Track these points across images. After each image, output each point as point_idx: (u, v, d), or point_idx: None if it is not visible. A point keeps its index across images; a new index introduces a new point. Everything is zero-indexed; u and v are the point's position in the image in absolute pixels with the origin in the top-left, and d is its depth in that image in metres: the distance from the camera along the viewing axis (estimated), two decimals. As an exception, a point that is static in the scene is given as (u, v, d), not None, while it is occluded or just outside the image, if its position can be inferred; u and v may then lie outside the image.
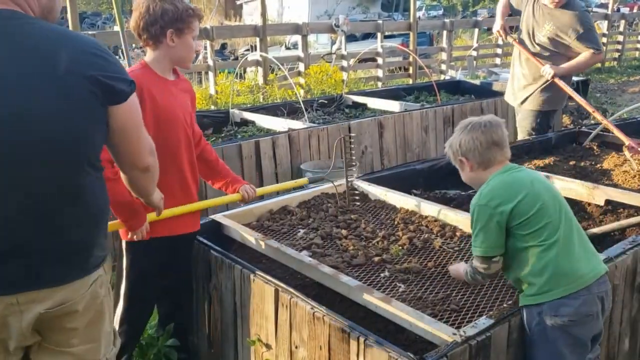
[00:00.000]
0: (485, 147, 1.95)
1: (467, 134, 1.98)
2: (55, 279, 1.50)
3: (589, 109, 4.14)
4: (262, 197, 2.96)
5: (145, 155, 1.68)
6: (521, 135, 4.34)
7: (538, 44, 4.20)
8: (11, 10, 1.45)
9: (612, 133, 3.98)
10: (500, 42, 10.95)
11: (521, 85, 4.33)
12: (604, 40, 13.83)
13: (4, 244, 1.44)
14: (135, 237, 2.23)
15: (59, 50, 1.44)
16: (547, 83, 4.15)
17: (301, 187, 3.91)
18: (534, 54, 4.20)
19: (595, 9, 21.68)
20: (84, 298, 1.55)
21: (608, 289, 1.92)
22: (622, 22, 14.72)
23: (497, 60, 12.03)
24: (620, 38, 14.52)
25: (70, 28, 6.03)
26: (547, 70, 4.10)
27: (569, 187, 3.14)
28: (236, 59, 12.12)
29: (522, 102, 4.33)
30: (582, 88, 9.49)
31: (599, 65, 13.78)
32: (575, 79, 9.69)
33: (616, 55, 14.54)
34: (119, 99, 1.53)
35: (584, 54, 4.08)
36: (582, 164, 3.74)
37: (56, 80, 1.43)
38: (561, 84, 4.12)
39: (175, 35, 2.29)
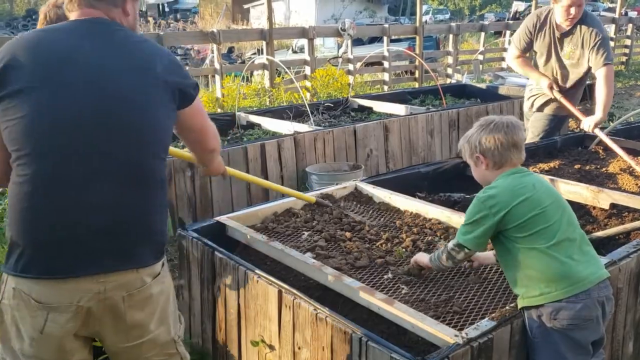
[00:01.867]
0: (505, 147, 1.96)
1: (489, 132, 1.98)
2: (142, 261, 1.61)
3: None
4: (267, 199, 2.99)
5: (210, 140, 1.91)
6: (530, 137, 4.27)
7: (561, 68, 4.06)
8: (109, 20, 1.67)
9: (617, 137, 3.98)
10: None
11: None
12: (612, 44, 13.79)
13: (101, 226, 1.53)
14: None
15: (155, 57, 1.66)
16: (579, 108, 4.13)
17: (306, 190, 3.94)
18: (563, 77, 4.08)
19: (603, 13, 21.63)
20: (158, 284, 1.67)
21: (609, 294, 1.92)
22: (630, 26, 14.66)
23: (503, 64, 12.01)
24: (628, 42, 14.46)
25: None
26: (587, 124, 3.93)
27: (574, 190, 3.14)
28: (243, 62, 12.18)
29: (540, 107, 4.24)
30: (589, 93, 9.51)
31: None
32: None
33: (624, 59, 14.48)
34: (190, 101, 1.74)
35: (602, 72, 3.84)
36: (588, 167, 3.73)
37: (151, 81, 1.63)
38: (576, 112, 4.08)
39: None
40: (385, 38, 9.78)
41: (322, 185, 3.80)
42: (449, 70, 10.73)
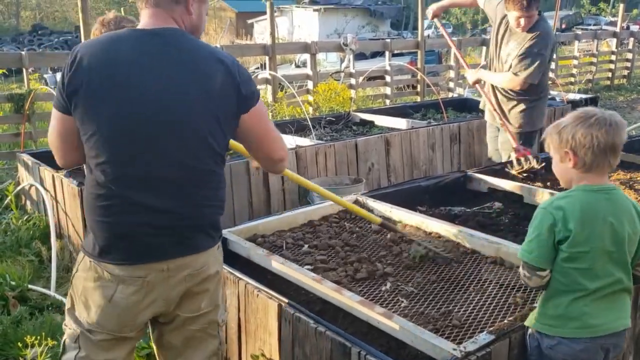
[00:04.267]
0: (602, 149, 1.73)
1: (587, 127, 1.74)
2: (199, 247, 1.79)
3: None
4: (269, 213, 2.99)
5: (277, 150, 1.94)
6: (505, 156, 4.21)
7: (499, 60, 4.13)
8: (174, 28, 1.76)
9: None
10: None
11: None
12: (612, 57, 13.85)
13: (165, 224, 1.73)
14: None
15: (216, 67, 1.73)
16: (516, 102, 4.10)
17: (308, 204, 3.95)
18: (499, 69, 4.14)
19: (604, 27, 21.73)
20: (215, 263, 1.86)
21: (619, 342, 1.82)
22: (631, 40, 14.73)
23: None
24: (630, 56, 14.51)
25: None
26: (469, 76, 4.22)
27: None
28: (246, 77, 12.22)
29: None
30: (591, 105, 9.54)
31: (608, 82, 13.79)
32: (584, 96, 9.74)
33: (625, 72, 14.53)
34: (248, 107, 1.79)
35: (504, 73, 4.02)
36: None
37: (211, 89, 1.71)
38: (482, 90, 4.18)
39: None
40: (387, 52, 9.84)
41: (323, 200, 3.81)
42: (451, 84, 10.78)
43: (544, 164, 3.69)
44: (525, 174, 3.67)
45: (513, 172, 3.69)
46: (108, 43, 1.71)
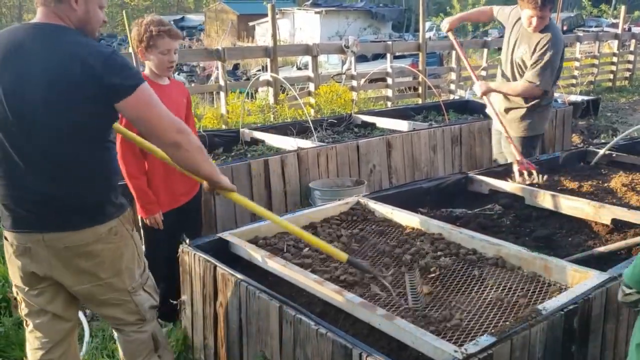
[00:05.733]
0: None
1: None
2: (74, 225, 2.00)
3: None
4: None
5: (166, 134, 2.00)
6: (510, 158, 4.11)
7: (512, 64, 4.11)
8: (53, 24, 1.94)
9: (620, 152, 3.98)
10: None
11: (501, 109, 4.19)
12: (614, 59, 13.84)
13: (40, 196, 1.97)
14: (148, 221, 2.98)
15: (76, 58, 1.86)
16: (524, 108, 4.09)
17: (310, 206, 3.96)
18: (512, 72, 4.11)
19: (606, 29, 21.69)
20: (102, 241, 2.04)
21: None
22: (633, 41, 14.72)
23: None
24: (631, 57, 14.50)
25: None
26: (477, 89, 4.14)
27: (575, 206, 3.15)
28: (248, 79, 12.26)
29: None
30: (592, 107, 9.52)
31: (609, 84, 13.78)
32: (585, 98, 9.72)
33: (627, 74, 14.51)
34: (123, 95, 1.90)
35: (518, 82, 3.98)
36: (589, 182, 3.74)
37: (72, 81, 1.85)
38: (488, 101, 4.11)
39: (148, 52, 2.91)
40: (388, 55, 9.85)
41: (325, 201, 3.82)
42: (452, 86, 10.78)
43: (546, 177, 3.68)
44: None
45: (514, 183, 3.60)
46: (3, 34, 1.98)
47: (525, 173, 3.68)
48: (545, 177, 3.68)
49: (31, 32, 1.93)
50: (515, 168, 3.75)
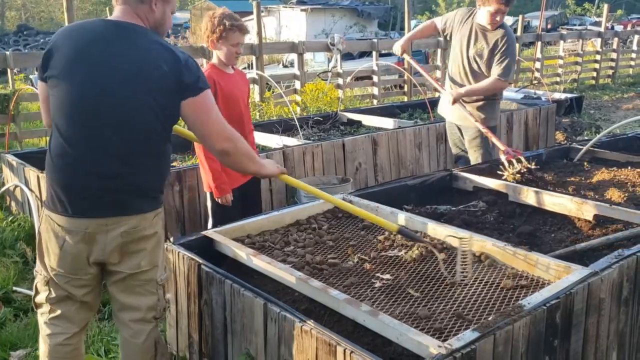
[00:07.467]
0: None
1: None
2: (136, 209, 2.05)
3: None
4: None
5: (217, 142, 2.11)
6: (475, 153, 4.26)
7: (468, 60, 4.16)
8: (134, 24, 2.04)
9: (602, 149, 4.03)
10: None
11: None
12: (597, 57, 13.99)
13: (110, 182, 2.00)
14: (220, 200, 3.24)
15: (159, 58, 1.99)
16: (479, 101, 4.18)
17: (295, 204, 3.95)
18: (466, 70, 4.19)
19: (589, 27, 21.92)
20: (152, 226, 2.09)
21: None
22: (616, 39, 14.89)
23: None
24: (614, 55, 14.67)
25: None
26: (449, 97, 4.16)
27: (558, 202, 3.18)
28: (233, 77, 12.15)
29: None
30: (576, 105, 9.62)
31: (593, 82, 13.93)
32: (569, 95, 9.81)
33: (610, 72, 14.68)
34: (187, 96, 2.01)
35: (488, 79, 4.07)
36: (572, 179, 3.78)
37: (158, 78, 1.97)
38: (462, 105, 4.15)
39: (220, 42, 3.19)
40: (374, 53, 9.86)
41: (310, 199, 3.82)
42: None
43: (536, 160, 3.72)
44: (520, 176, 3.58)
45: (508, 177, 3.58)
46: (77, 27, 2.06)
47: (514, 161, 3.70)
48: (533, 162, 3.71)
49: (113, 29, 2.01)
50: (503, 158, 3.78)
